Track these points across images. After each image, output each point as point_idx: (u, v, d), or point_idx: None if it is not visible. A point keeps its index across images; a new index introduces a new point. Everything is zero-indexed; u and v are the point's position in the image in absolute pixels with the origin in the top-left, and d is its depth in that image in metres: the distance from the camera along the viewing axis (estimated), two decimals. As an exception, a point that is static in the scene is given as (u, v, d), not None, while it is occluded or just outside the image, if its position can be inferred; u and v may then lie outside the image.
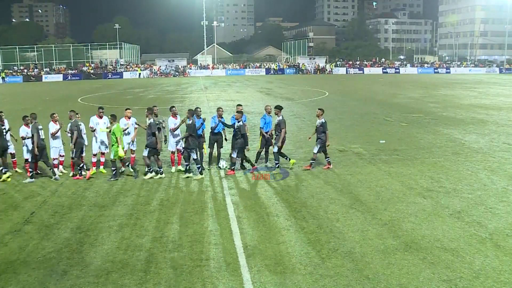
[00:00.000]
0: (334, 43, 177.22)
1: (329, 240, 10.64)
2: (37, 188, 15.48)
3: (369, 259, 9.63)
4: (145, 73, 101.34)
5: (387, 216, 12.13)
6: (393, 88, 57.95)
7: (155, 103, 23.13)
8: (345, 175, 16.36)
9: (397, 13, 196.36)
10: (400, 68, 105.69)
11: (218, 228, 11.55)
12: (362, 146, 21.16)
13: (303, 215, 12.31)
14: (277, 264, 9.46)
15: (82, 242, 10.88)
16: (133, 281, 8.92)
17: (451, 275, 8.90)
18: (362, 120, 29.55)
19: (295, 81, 76.71)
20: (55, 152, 16.96)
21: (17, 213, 13.08)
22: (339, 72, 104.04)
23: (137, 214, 12.67)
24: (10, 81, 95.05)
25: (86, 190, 15.17)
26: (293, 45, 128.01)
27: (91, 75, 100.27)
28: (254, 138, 18.45)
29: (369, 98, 44.25)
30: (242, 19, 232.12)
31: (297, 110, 35.55)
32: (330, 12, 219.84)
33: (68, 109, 18.19)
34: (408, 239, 10.62)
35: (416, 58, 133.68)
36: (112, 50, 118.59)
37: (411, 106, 37.42)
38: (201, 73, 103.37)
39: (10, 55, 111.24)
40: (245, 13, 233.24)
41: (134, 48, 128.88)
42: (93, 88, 67.69)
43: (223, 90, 57.72)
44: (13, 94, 61.06)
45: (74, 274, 9.26)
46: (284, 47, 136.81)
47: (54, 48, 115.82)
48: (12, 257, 10.13)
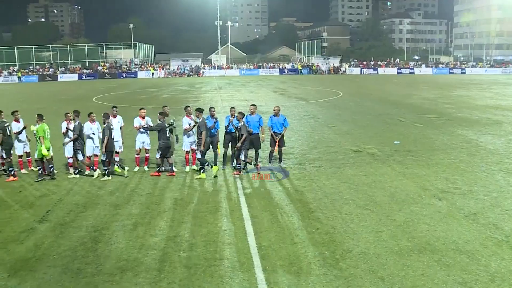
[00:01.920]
0: (348, 43, 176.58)
1: (343, 241, 10.61)
2: (52, 187, 15.60)
3: (383, 260, 9.59)
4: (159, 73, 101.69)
5: (401, 217, 12.07)
6: (407, 88, 57.63)
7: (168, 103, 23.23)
8: (359, 175, 16.30)
9: (411, 13, 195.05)
10: (415, 68, 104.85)
11: (232, 228, 11.57)
12: (377, 146, 21.07)
13: (317, 216, 12.29)
14: (291, 265, 9.46)
15: (97, 240, 10.96)
16: (147, 280, 8.96)
17: (466, 277, 8.83)
18: (376, 121, 29.43)
19: (309, 81, 76.57)
20: (68, 152, 17.02)
21: (33, 211, 13.20)
22: (353, 72, 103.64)
23: (151, 213, 12.73)
24: (26, 81, 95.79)
25: (101, 189, 15.26)
26: (307, 45, 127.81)
27: (105, 75, 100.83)
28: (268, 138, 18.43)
29: (383, 99, 44.07)
30: (256, 19, 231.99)
31: (311, 110, 35.49)
32: (344, 12, 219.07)
33: (83, 108, 18.31)
34: (423, 241, 10.56)
35: (431, 59, 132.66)
36: (126, 50, 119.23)
37: (425, 106, 37.19)
38: (215, 73, 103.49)
39: (26, 55, 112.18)
40: (259, 13, 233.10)
41: (149, 48, 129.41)
42: (107, 87, 68.06)
43: (237, 90, 57.76)
44: (29, 93, 61.56)
45: (89, 272, 9.33)
46: (298, 47, 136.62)
47: (69, 48, 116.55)
48: (28, 255, 10.22)
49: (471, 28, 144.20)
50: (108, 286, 8.79)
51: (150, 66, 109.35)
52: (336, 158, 19.01)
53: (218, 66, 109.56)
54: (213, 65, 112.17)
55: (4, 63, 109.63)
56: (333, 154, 19.74)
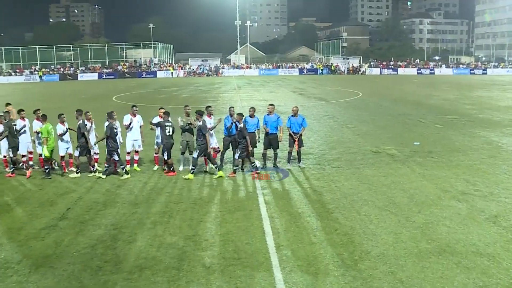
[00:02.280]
0: (368, 43, 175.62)
1: (362, 242, 10.56)
2: (72, 185, 15.76)
3: (402, 262, 9.52)
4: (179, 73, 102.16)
5: (421, 219, 11.97)
6: (427, 89, 57.17)
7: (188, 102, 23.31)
8: (378, 176, 16.21)
9: (432, 13, 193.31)
10: (435, 69, 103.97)
11: (250, 228, 11.58)
12: (396, 147, 20.93)
13: (336, 216, 12.25)
14: (309, 265, 9.44)
15: (116, 238, 11.04)
16: (165, 278, 9.01)
17: (487, 281, 8.73)
18: (396, 121, 29.24)
19: (328, 81, 76.38)
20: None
21: (53, 208, 13.34)
22: (373, 72, 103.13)
23: (170, 212, 12.79)
24: (47, 80, 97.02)
25: (120, 187, 15.38)
26: (326, 45, 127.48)
27: (125, 74, 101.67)
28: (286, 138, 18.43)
29: (403, 99, 43.77)
30: (275, 19, 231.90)
31: (330, 110, 35.38)
32: (364, 12, 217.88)
33: (103, 107, 18.46)
34: (443, 243, 10.46)
35: (452, 59, 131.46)
36: (146, 50, 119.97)
37: (446, 107, 36.87)
38: (234, 72, 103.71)
39: (47, 55, 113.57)
40: (278, 13, 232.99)
41: (168, 47, 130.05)
42: (127, 87, 68.58)
43: (256, 90, 57.81)
44: (50, 92, 62.26)
45: (108, 270, 9.40)
46: (317, 47, 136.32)
47: (90, 47, 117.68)
48: (48, 252, 10.34)
49: (493, 28, 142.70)
50: (127, 284, 8.86)
51: (170, 65, 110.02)
52: (355, 158, 18.93)
53: (237, 66, 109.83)
54: (232, 65, 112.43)
55: (26, 62, 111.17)
56: (352, 154, 19.66)
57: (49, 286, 8.82)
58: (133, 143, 17.52)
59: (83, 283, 8.90)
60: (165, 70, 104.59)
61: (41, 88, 73.74)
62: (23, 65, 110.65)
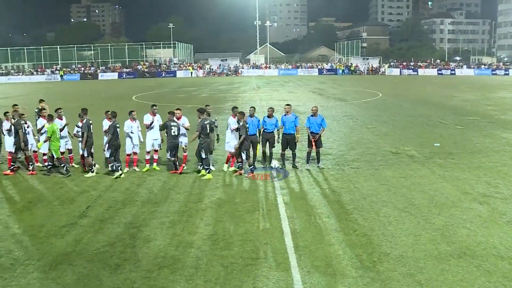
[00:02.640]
0: (388, 43, 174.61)
1: (380, 243, 10.50)
2: (92, 183, 15.91)
3: (421, 264, 9.45)
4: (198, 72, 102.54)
5: (441, 221, 11.86)
6: (448, 90, 56.65)
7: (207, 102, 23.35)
8: (398, 177, 16.10)
9: (453, 13, 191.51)
10: (456, 69, 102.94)
11: (269, 228, 11.58)
12: (416, 148, 20.76)
13: (354, 217, 12.19)
14: (328, 266, 9.41)
15: (135, 237, 11.11)
16: (183, 277, 9.04)
17: (508, 284, 8.62)
18: (416, 122, 29.01)
19: (347, 81, 76.09)
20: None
21: (74, 206, 13.48)
22: (393, 73, 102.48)
23: (189, 212, 12.84)
24: (68, 79, 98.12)
25: (139, 186, 15.48)
26: (346, 46, 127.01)
27: (145, 74, 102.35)
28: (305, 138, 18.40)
29: (423, 100, 43.40)
30: (295, 19, 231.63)
31: (350, 111, 35.23)
32: (384, 12, 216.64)
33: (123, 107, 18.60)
34: (463, 246, 10.35)
35: (473, 59, 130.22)
36: (166, 49, 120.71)
37: (467, 108, 36.50)
38: (254, 72, 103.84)
39: (68, 54, 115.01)
40: (298, 13, 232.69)
41: (188, 47, 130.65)
42: (147, 86, 69.00)
43: (275, 90, 57.80)
44: (71, 91, 62.89)
45: (127, 268, 9.47)
46: (337, 48, 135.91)
47: (110, 47, 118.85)
48: (68, 249, 10.45)
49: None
50: (145, 282, 8.91)
51: (189, 65, 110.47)
52: (374, 159, 18.83)
53: (257, 66, 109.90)
54: (252, 65, 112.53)
55: (48, 62, 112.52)
56: (371, 155, 19.56)
57: (69, 283, 8.91)
58: (153, 142, 17.60)
59: (102, 280, 8.98)
60: (184, 69, 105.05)
61: (62, 87, 74.55)
62: (44, 64, 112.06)
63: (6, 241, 10.99)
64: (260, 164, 17.92)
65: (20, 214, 12.94)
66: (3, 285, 8.82)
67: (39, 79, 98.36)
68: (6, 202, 14.11)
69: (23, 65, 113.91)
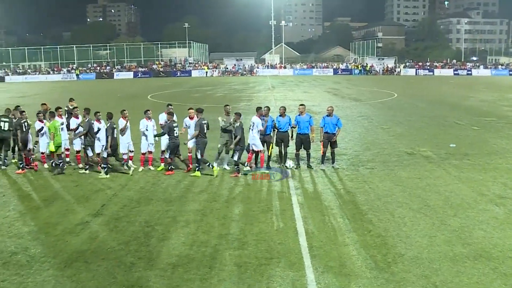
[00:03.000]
0: (404, 43, 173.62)
1: (395, 244, 10.44)
2: (107, 182, 16.01)
3: (437, 266, 9.38)
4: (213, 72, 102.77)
5: (456, 223, 11.77)
6: (464, 90, 56.22)
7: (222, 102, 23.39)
8: (413, 178, 16.00)
9: (470, 13, 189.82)
10: (473, 69, 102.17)
11: (283, 228, 11.57)
12: (431, 149, 20.63)
13: (369, 218, 12.14)
14: (342, 266, 9.38)
15: (150, 235, 11.16)
16: (198, 276, 9.06)
17: (524, 286, 8.54)
18: (431, 123, 28.82)
19: (362, 81, 75.81)
20: (124, 148, 17.47)
21: (89, 205, 13.58)
22: (408, 73, 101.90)
23: (203, 211, 12.86)
24: (84, 78, 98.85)
25: (154, 185, 15.54)
26: (361, 46, 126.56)
27: (160, 73, 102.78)
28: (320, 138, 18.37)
29: (439, 101, 43.12)
30: (310, 18, 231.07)
31: (365, 111, 35.10)
32: (400, 12, 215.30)
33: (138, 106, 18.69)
34: (479, 248, 10.26)
35: (490, 60, 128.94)
36: (181, 49, 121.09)
37: (483, 109, 36.18)
38: (269, 72, 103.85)
39: (84, 54, 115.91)
40: (313, 12, 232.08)
41: (203, 47, 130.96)
42: (162, 85, 69.26)
43: (290, 90, 57.75)
44: (87, 90, 63.30)
45: (141, 267, 9.51)
46: (352, 48, 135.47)
47: (126, 46, 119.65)
48: (83, 247, 10.52)
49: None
50: (159, 280, 8.94)
51: (204, 65, 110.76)
52: (389, 160, 18.74)
53: (272, 66, 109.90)
54: (267, 65, 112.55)
55: (64, 61, 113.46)
56: (386, 156, 19.46)
57: (84, 281, 8.97)
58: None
59: (117, 279, 9.03)
60: (199, 69, 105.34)
61: (78, 86, 75.07)
62: (61, 64, 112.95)
63: (23, 238, 11.10)
64: (275, 164, 17.91)
65: (36, 212, 13.06)
66: (20, 282, 8.91)
67: (55, 78, 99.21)
68: (22, 200, 14.25)
69: (40, 64, 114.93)
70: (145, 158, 17.68)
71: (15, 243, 10.81)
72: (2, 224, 12.08)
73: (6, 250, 10.43)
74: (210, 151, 17.80)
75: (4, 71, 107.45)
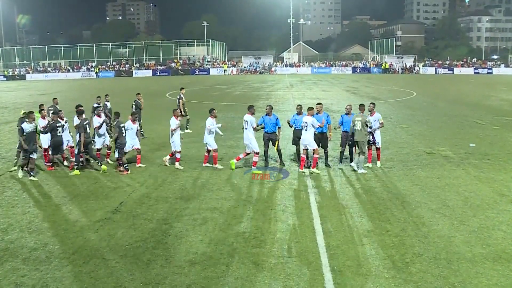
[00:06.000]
0: (423, 42, 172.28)
1: (413, 244, 10.37)
2: (126, 179, 16.12)
3: (455, 266, 9.30)
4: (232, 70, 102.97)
5: (475, 223, 11.65)
6: (485, 89, 55.61)
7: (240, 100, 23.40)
8: (432, 178, 15.87)
9: (491, 10, 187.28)
10: (493, 68, 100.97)
11: (300, 226, 11.55)
12: (451, 149, 20.44)
13: (387, 217, 12.07)
14: (360, 266, 9.34)
15: (167, 233, 11.21)
16: (215, 274, 9.09)
17: (545, 288, 8.44)
18: (451, 122, 28.56)
19: (381, 80, 75.36)
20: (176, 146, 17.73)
21: (108, 202, 13.68)
22: (428, 72, 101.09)
23: (221, 209, 12.89)
24: (103, 76, 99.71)
25: (172, 183, 15.60)
26: (380, 44, 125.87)
27: (179, 71, 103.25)
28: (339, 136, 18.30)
29: (459, 100, 42.72)
30: (329, 17, 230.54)
31: (384, 110, 34.78)
32: (420, 10, 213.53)
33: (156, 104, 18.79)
34: (498, 249, 10.15)
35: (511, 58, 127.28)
36: (199, 47, 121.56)
37: (504, 108, 35.77)
38: (287, 70, 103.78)
39: (103, 52, 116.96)
40: (332, 11, 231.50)
41: (221, 45, 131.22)
42: (181, 84, 69.30)
43: (308, 88, 57.62)
44: (106, 88, 63.69)
45: (159, 264, 9.57)
46: (371, 46, 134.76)
47: (145, 45, 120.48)
48: (102, 244, 10.61)
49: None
50: (177, 278, 8.98)
51: (223, 63, 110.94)
52: (408, 159, 18.61)
53: (290, 64, 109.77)
54: (285, 63, 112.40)
55: (83, 59, 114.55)
56: (405, 155, 19.34)
57: (102, 277, 9.04)
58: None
59: (135, 275, 9.09)
60: (218, 67, 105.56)
61: (97, 84, 75.67)
62: (80, 62, 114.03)
63: (42, 234, 11.23)
64: (294, 162, 17.88)
65: (56, 209, 13.19)
66: (39, 277, 9.02)
67: (75, 76, 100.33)
68: (42, 197, 14.41)
69: (60, 62, 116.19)
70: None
71: (35, 239, 10.94)
72: (22, 220, 12.24)
73: (26, 245, 10.56)
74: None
75: (25, 69, 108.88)
